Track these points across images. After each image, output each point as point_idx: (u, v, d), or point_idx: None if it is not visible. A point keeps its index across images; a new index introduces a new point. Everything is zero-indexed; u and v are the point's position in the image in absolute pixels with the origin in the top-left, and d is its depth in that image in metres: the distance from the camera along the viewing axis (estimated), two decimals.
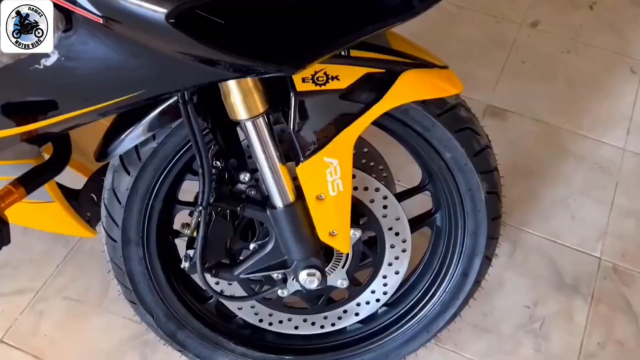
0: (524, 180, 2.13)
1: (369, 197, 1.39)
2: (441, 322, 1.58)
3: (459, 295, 1.55)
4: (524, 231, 2.01)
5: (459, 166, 1.36)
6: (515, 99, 2.33)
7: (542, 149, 2.20)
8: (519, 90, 2.35)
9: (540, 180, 2.12)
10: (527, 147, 2.22)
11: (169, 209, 1.46)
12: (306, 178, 1.26)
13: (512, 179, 2.06)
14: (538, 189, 2.11)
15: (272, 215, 1.31)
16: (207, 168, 1.24)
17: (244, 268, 1.39)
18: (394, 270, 1.50)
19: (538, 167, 2.16)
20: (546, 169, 2.15)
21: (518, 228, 2.01)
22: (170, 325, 1.54)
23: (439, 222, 1.52)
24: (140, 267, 1.45)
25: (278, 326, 1.57)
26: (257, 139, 1.22)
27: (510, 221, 2.01)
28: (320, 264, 1.35)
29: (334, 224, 1.32)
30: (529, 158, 2.19)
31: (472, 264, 1.50)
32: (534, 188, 2.11)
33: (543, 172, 2.14)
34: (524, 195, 2.09)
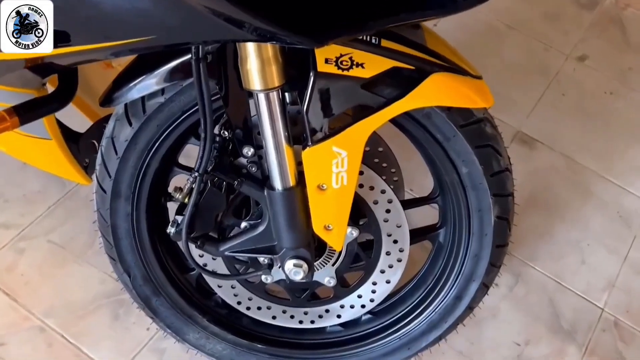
0: (540, 213, 2.05)
1: (373, 197, 1.32)
2: (424, 342, 1.52)
3: (448, 318, 1.48)
4: (530, 266, 1.93)
5: (474, 184, 1.29)
6: (547, 130, 2.24)
7: (564, 186, 2.11)
8: (553, 122, 2.26)
9: (557, 217, 2.04)
10: (549, 181, 2.13)
11: (166, 171, 1.40)
12: (311, 164, 1.19)
13: (527, 210, 1.98)
14: (552, 226, 2.03)
15: (269, 196, 1.25)
16: (209, 133, 1.18)
17: (231, 245, 1.33)
18: (385, 278, 1.44)
19: (556, 203, 2.07)
20: (565, 206, 2.07)
21: (524, 261, 1.93)
22: (146, 289, 1.48)
23: (442, 238, 1.44)
24: (125, 224, 1.39)
25: (256, 312, 1.51)
26: (267, 113, 1.15)
27: (518, 253, 1.93)
28: (310, 256, 1.30)
29: (331, 218, 1.26)
30: (549, 192, 2.10)
31: (467, 288, 1.43)
32: (549, 224, 2.02)
33: (561, 210, 2.06)
34: (536, 229, 2.01)
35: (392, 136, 1.41)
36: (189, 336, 1.56)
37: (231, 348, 1.57)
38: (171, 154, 1.36)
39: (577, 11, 2.63)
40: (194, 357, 1.65)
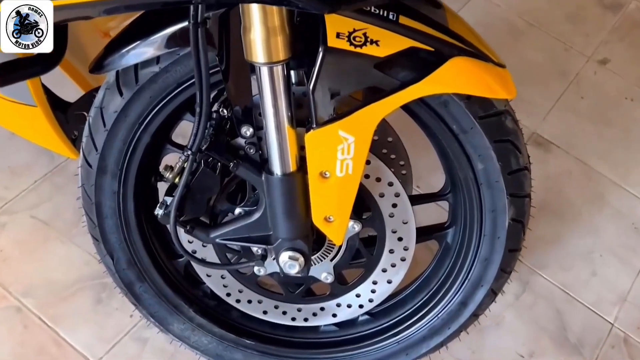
0: (552, 220, 1.95)
1: (379, 190, 1.23)
2: (424, 349, 1.42)
3: (451, 325, 1.38)
4: (538, 274, 1.83)
5: (489, 182, 1.19)
6: (563, 134, 2.14)
7: (578, 192, 2.02)
8: (570, 126, 2.16)
9: (569, 224, 1.94)
10: (563, 187, 2.03)
11: (158, 148, 1.30)
12: (314, 149, 1.10)
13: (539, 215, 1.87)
14: (564, 234, 1.93)
15: (267, 181, 1.16)
16: (205, 108, 1.08)
17: (223, 232, 1.25)
18: (386, 278, 1.34)
19: (570, 210, 1.97)
20: (578, 214, 1.97)
21: (533, 269, 1.84)
22: (129, 274, 1.38)
23: (450, 238, 1.35)
24: (111, 202, 1.30)
25: (246, 306, 1.42)
26: (269, 89, 1.06)
27: (526, 260, 1.83)
28: (307, 249, 1.22)
29: (333, 209, 1.16)
30: (562, 198, 2.00)
31: (474, 294, 1.34)
32: (560, 231, 1.93)
33: (574, 217, 1.96)
34: (547, 236, 1.91)
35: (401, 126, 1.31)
36: (173, 327, 1.47)
37: (217, 342, 1.48)
38: (164, 130, 1.26)
39: (601, 13, 2.52)
40: (178, 349, 1.55)
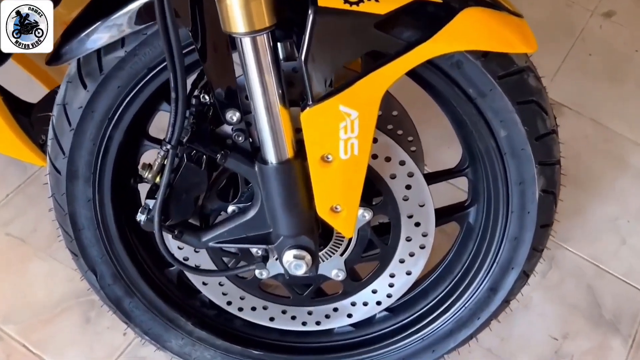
0: (570, 189, 1.79)
1: (390, 170, 1.10)
2: (452, 343, 1.29)
3: (481, 314, 1.25)
4: (564, 248, 1.71)
5: (514, 150, 1.06)
6: (574, 94, 2.01)
7: (597, 157, 1.89)
8: (580, 86, 2.03)
9: (590, 191, 1.82)
10: (579, 152, 1.89)
11: (135, 145, 1.16)
12: (312, 129, 0.96)
13: None
14: (586, 202, 1.80)
15: (261, 171, 1.02)
16: (182, 93, 0.95)
17: (216, 234, 1.12)
18: (405, 269, 1.21)
19: (589, 177, 1.84)
20: (599, 180, 1.84)
21: (557, 243, 1.71)
22: (116, 290, 1.26)
23: (473, 218, 1.22)
24: (86, 211, 1.16)
25: (250, 313, 1.30)
26: (254, 64, 0.92)
27: None
28: (313, 245, 1.10)
29: (339, 198, 1.03)
30: (580, 164, 1.87)
31: (505, 278, 1.20)
32: (581, 200, 1.80)
33: (594, 184, 1.84)
34: (568, 206, 1.76)
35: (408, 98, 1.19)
36: (171, 343, 1.34)
37: (222, 355, 1.35)
38: (139, 124, 1.12)
39: None
40: None
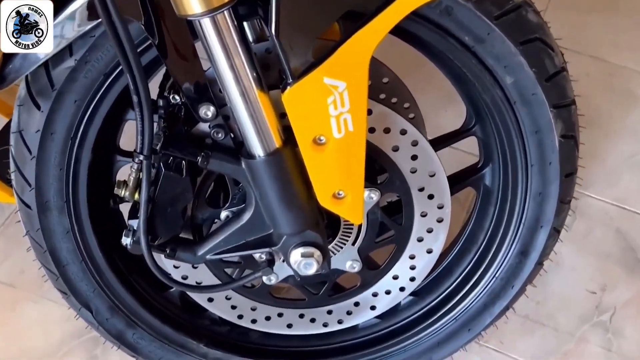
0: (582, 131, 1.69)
1: (391, 143, 1.00)
2: (488, 318, 1.20)
3: (514, 282, 1.16)
4: (586, 195, 1.62)
5: (524, 96, 0.96)
6: (567, 32, 1.87)
7: (603, 94, 1.79)
8: (572, 22, 1.92)
9: (603, 131, 1.72)
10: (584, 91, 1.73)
11: (107, 163, 1.07)
12: (298, 110, 0.87)
13: None
14: (600, 144, 1.70)
15: (249, 167, 0.92)
16: (144, 95, 0.85)
17: (212, 246, 1.02)
18: (425, 247, 1.11)
19: (599, 116, 1.74)
20: (609, 118, 1.74)
21: (578, 192, 1.58)
22: (116, 323, 1.17)
23: (489, 180, 1.12)
24: (67, 244, 1.07)
25: (264, 324, 1.20)
26: (220, 47, 0.83)
27: None
28: (321, 239, 1.00)
29: (341, 182, 0.93)
30: (587, 104, 1.74)
31: (534, 238, 1.11)
32: (595, 143, 1.70)
33: (605, 123, 1.73)
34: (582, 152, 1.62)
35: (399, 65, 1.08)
36: None
37: None
38: (107, 138, 1.03)
39: None
40: None
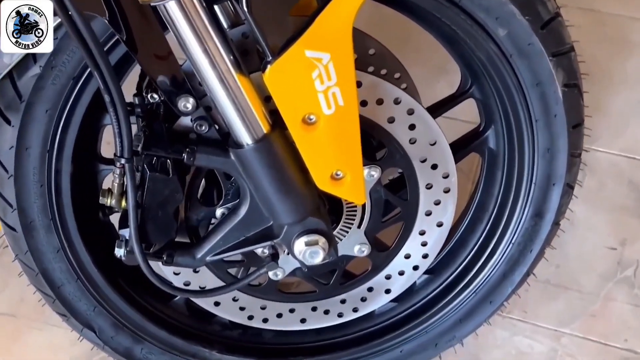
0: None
1: (385, 114, 0.95)
2: (509, 287, 1.14)
3: (532, 246, 1.10)
4: (593, 150, 1.57)
5: (520, 48, 0.92)
6: None
7: (598, 44, 1.74)
8: None
9: (603, 83, 1.66)
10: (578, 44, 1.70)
11: (90, 173, 1.01)
12: (282, 89, 0.82)
13: None
14: (601, 96, 1.65)
15: (239, 158, 0.87)
16: (116, 94, 0.79)
17: (211, 246, 0.97)
18: (435, 221, 1.06)
19: (597, 68, 1.69)
20: (607, 68, 1.69)
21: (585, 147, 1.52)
22: (122, 340, 1.13)
23: (493, 142, 1.07)
24: (59, 264, 1.03)
25: (277, 322, 1.15)
26: (190, 31, 0.78)
27: None
28: (324, 225, 0.95)
29: (337, 161, 0.88)
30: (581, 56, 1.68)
31: (548, 198, 1.06)
32: (596, 95, 1.65)
33: (604, 75, 1.68)
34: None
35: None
36: None
37: None
38: (87, 147, 0.98)
39: None
40: None
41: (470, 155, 1.11)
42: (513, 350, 1.32)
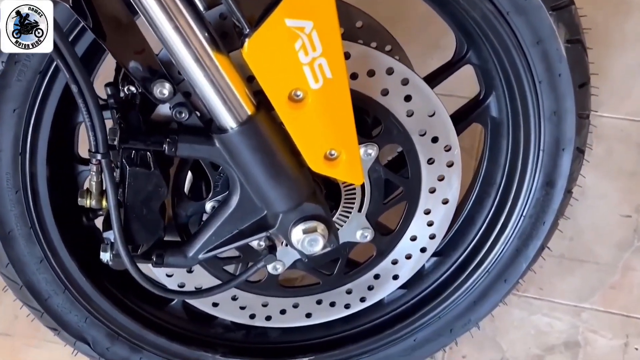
0: None
1: (378, 86, 0.89)
2: (523, 263, 1.09)
3: (545, 217, 1.05)
4: (598, 116, 1.49)
5: (517, 3, 0.87)
6: None
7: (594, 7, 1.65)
8: None
9: (603, 46, 1.58)
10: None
11: (68, 175, 0.96)
12: (264, 66, 0.75)
13: None
14: (603, 60, 1.57)
15: (223, 144, 0.81)
16: (84, 83, 0.72)
17: (203, 243, 0.91)
18: (440, 198, 1.00)
19: (595, 31, 1.57)
20: (606, 31, 1.62)
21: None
22: (118, 350, 1.08)
23: (495, 110, 1.01)
24: (44, 274, 0.97)
25: (281, 319, 1.10)
26: (159, 9, 0.73)
27: None
28: (322, 210, 0.89)
29: (330, 139, 0.82)
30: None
31: (558, 164, 1.00)
32: (597, 60, 1.54)
33: (604, 38, 1.61)
34: None
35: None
36: None
37: None
38: (63, 147, 0.93)
39: None
40: None
41: (471, 131, 1.06)
42: (532, 330, 1.27)
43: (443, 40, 1.01)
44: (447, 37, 0.98)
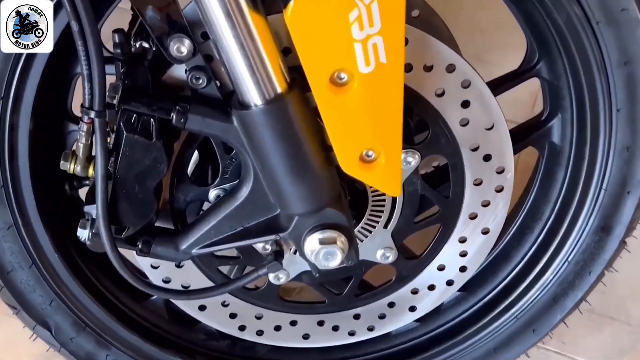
0: None
1: (434, 84, 0.78)
2: (558, 314, 0.99)
3: (592, 266, 0.95)
4: None
5: (611, 13, 0.76)
6: None
7: None
8: None
9: None
10: None
11: (57, 133, 0.85)
12: (308, 36, 0.65)
13: None
14: None
15: (243, 123, 0.70)
16: (86, 17, 0.60)
17: (199, 236, 0.81)
18: (480, 227, 0.90)
19: None
20: None
21: None
22: (83, 343, 0.97)
23: (558, 136, 0.90)
24: (10, 243, 0.88)
25: (274, 335, 1.00)
26: None
27: None
28: (345, 219, 0.79)
29: (370, 137, 0.72)
30: None
31: (619, 208, 0.90)
32: None
33: None
34: None
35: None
36: None
37: None
38: (53, 100, 0.82)
39: None
40: None
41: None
42: None
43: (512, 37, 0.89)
44: (516, 35, 0.85)
